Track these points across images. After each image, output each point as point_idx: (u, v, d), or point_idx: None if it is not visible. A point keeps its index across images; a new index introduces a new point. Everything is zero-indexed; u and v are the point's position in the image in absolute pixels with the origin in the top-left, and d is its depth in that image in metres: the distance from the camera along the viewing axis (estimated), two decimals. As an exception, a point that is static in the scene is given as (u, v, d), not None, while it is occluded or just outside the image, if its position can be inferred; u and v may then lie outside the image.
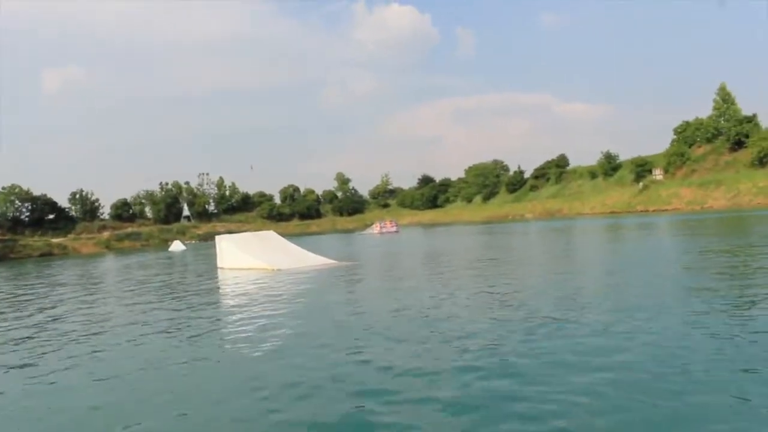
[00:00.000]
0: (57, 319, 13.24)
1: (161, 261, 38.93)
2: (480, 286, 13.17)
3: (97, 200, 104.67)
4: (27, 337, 10.97)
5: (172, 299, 15.15)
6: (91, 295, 18.91)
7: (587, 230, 38.26)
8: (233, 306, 13.26)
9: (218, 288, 17.74)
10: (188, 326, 10.77)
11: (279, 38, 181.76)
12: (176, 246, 62.56)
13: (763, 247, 17.60)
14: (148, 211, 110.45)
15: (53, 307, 15.69)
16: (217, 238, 24.36)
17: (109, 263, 42.91)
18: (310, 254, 22.96)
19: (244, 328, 10.06)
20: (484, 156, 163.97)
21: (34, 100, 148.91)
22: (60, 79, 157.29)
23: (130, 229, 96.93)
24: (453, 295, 11.86)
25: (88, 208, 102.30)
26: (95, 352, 9.10)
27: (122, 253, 65.45)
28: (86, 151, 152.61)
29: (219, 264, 23.60)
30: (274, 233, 25.03)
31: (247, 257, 21.55)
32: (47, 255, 74.90)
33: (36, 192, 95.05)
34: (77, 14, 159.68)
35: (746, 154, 66.08)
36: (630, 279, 12.75)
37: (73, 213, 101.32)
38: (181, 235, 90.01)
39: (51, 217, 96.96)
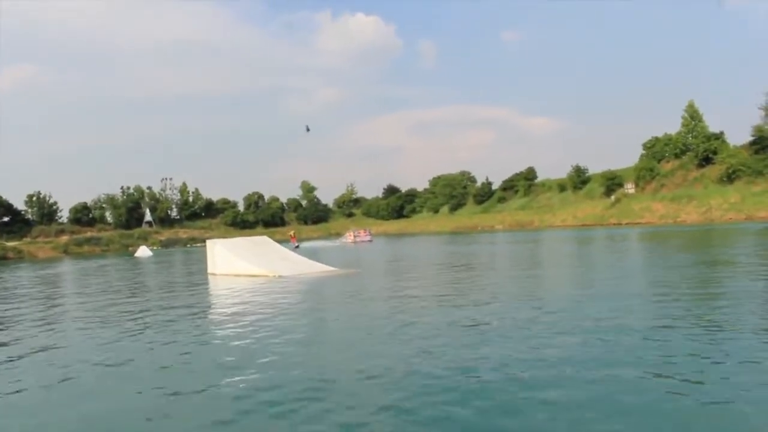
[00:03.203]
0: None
1: (134, 266, 37.03)
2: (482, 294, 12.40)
3: (56, 203, 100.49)
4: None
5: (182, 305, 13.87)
6: (83, 296, 17.37)
7: (569, 241, 38.09)
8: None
9: (234, 295, 16.47)
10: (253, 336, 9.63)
11: (240, 45, 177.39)
12: (142, 251, 59.90)
13: None
14: (109, 216, 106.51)
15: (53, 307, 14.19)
16: (209, 242, 22.90)
17: (74, 266, 40.40)
18: (308, 260, 21.80)
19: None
20: (446, 167, 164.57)
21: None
22: (12, 77, 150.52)
23: (89, 234, 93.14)
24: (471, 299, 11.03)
25: (46, 212, 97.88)
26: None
27: (82, 258, 62.60)
28: (44, 153, 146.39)
29: (210, 270, 22.13)
30: (269, 239, 23.78)
31: (244, 263, 20.23)
32: (1, 259, 71.15)
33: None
34: (30, 11, 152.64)
35: (714, 171, 67.67)
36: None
37: (29, 216, 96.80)
38: (143, 240, 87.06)
39: (5, 219, 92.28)
